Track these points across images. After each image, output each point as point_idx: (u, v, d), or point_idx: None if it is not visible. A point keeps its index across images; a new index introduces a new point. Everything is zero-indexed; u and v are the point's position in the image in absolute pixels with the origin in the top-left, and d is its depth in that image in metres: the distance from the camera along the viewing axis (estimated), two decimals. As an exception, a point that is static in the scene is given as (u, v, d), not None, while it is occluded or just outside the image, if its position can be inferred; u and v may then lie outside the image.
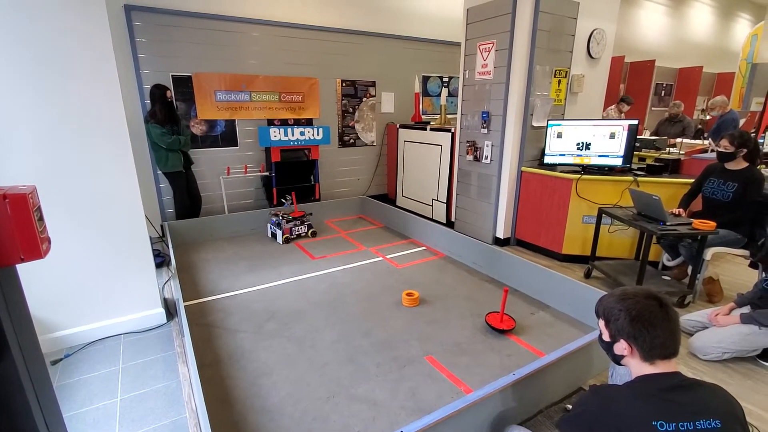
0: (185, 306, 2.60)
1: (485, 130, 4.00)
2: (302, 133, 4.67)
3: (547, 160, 3.78)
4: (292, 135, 4.61)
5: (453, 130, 4.49)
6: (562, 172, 3.63)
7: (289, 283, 3.21)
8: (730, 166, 2.92)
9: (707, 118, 6.67)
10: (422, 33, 5.71)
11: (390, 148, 5.82)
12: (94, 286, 2.40)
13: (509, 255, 3.27)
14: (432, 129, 4.87)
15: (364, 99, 5.54)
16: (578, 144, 3.63)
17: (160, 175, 4.17)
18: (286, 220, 4.13)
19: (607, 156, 3.55)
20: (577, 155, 3.65)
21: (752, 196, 2.80)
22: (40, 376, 0.92)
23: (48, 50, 2.04)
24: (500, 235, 4.12)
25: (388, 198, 5.96)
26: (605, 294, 1.25)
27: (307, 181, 5.01)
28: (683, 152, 4.06)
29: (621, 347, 1.15)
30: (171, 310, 2.77)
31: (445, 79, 6.19)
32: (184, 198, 4.19)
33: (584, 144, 3.61)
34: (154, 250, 2.80)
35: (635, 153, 3.92)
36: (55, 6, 2.02)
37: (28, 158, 2.09)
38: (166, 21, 4.04)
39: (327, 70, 5.13)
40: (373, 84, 5.55)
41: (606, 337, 1.20)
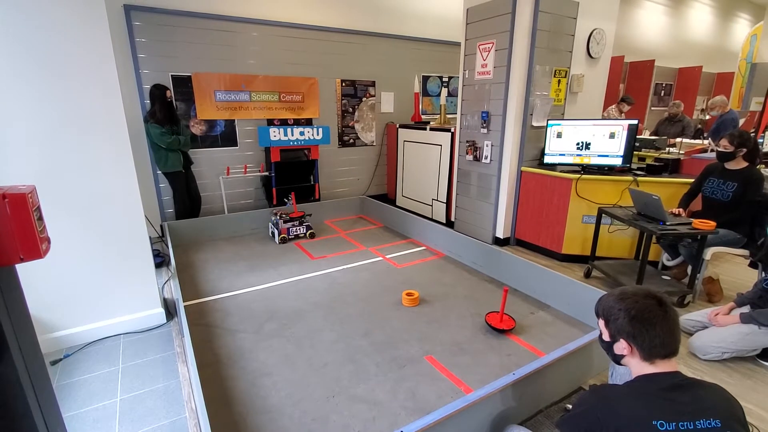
0: (185, 306, 2.60)
1: (485, 130, 4.00)
2: (302, 133, 4.67)
3: (547, 159, 3.78)
4: (292, 135, 4.61)
5: (453, 130, 4.49)
6: (561, 171, 3.63)
7: (288, 283, 3.21)
8: (730, 166, 2.92)
9: (707, 117, 6.67)
10: (422, 33, 5.71)
11: (390, 148, 5.82)
12: (93, 286, 2.40)
13: (509, 255, 3.27)
14: (432, 129, 4.87)
15: (364, 99, 5.54)
16: (578, 144, 3.63)
17: (160, 175, 4.17)
18: (284, 221, 4.12)
19: (607, 156, 3.55)
20: (577, 155, 3.65)
21: (752, 196, 2.81)
22: (40, 376, 0.92)
23: (47, 50, 2.04)
24: (500, 234, 4.12)
25: (388, 198, 5.96)
26: (605, 294, 1.25)
27: (306, 181, 5.01)
28: (683, 152, 4.07)
29: (621, 347, 1.15)
30: (171, 310, 2.77)
31: (444, 79, 6.19)
32: (184, 198, 4.19)
33: (584, 144, 3.61)
34: (153, 250, 2.79)
35: (635, 153, 3.93)
36: (55, 6, 2.02)
37: (28, 158, 2.09)
38: (166, 21, 4.04)
39: (326, 70, 5.13)
40: (373, 84, 5.55)
41: (606, 336, 1.20)
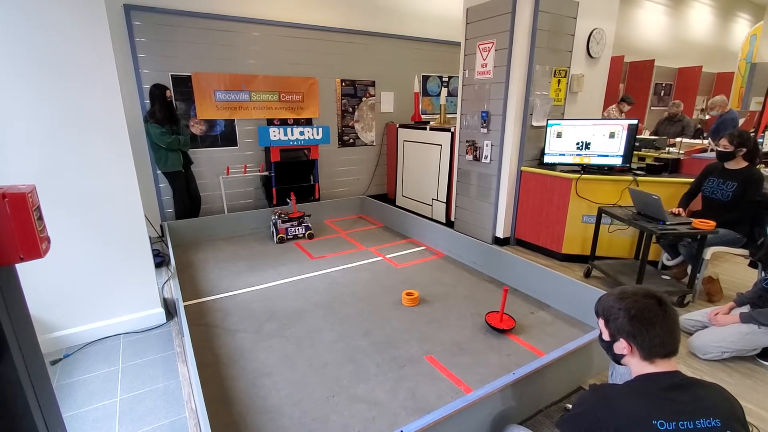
0: (185, 306, 2.60)
1: (485, 130, 4.00)
2: (302, 133, 4.67)
3: (547, 159, 3.78)
4: (292, 135, 4.61)
5: (453, 130, 4.49)
6: (561, 171, 3.63)
7: (288, 282, 3.21)
8: (730, 166, 2.92)
9: (706, 117, 6.67)
10: (422, 33, 5.71)
11: (390, 148, 5.82)
12: (93, 286, 2.40)
13: (509, 254, 3.27)
14: (432, 129, 4.87)
15: (364, 99, 5.54)
16: (578, 144, 3.63)
17: (160, 174, 4.17)
18: (282, 220, 4.12)
19: (607, 156, 3.55)
20: (577, 155, 3.65)
21: (752, 196, 2.81)
22: (40, 375, 0.92)
23: (47, 50, 2.04)
24: (500, 234, 4.12)
25: (388, 198, 5.96)
26: (605, 293, 1.25)
27: (306, 181, 5.01)
28: (683, 152, 4.07)
29: (621, 346, 1.15)
30: (170, 310, 2.77)
31: (444, 79, 6.18)
32: (184, 198, 4.19)
33: (584, 144, 3.61)
34: (153, 250, 2.79)
35: (635, 152, 3.93)
36: (55, 5, 2.02)
37: (28, 158, 2.09)
38: (166, 20, 4.04)
39: (326, 70, 5.13)
40: (373, 84, 5.55)
41: (606, 336, 1.20)
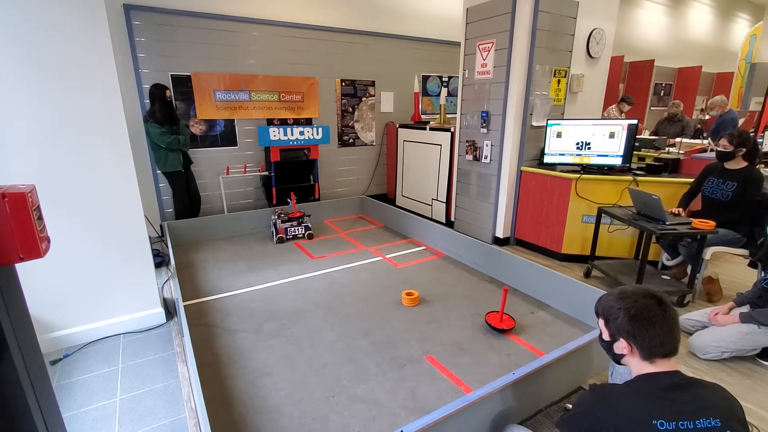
0: (185, 306, 2.60)
1: (485, 130, 4.00)
2: (302, 133, 4.67)
3: (547, 159, 3.78)
4: (292, 135, 4.61)
5: (452, 130, 4.49)
6: (561, 171, 3.63)
7: (288, 282, 3.21)
8: (730, 166, 2.92)
9: (706, 117, 6.67)
10: (422, 33, 5.70)
11: (389, 148, 5.82)
12: (93, 286, 2.40)
13: (509, 254, 3.28)
14: (431, 129, 4.87)
15: (364, 98, 5.54)
16: (578, 144, 3.63)
17: (160, 174, 4.17)
18: (282, 220, 4.12)
19: (607, 155, 3.55)
20: (577, 155, 3.65)
21: (751, 196, 2.81)
22: (40, 375, 0.92)
23: (47, 50, 2.04)
24: (500, 234, 4.12)
25: (388, 198, 5.96)
26: (604, 293, 1.25)
27: (306, 181, 5.01)
28: (682, 152, 4.07)
29: (621, 346, 1.15)
30: (170, 310, 2.77)
31: (444, 79, 6.18)
32: (184, 198, 4.19)
33: (584, 143, 3.61)
34: (153, 249, 2.79)
35: (635, 152, 3.93)
36: (55, 5, 2.02)
37: (28, 158, 2.09)
38: (166, 20, 4.04)
39: (326, 70, 5.13)
40: (373, 83, 5.55)
41: (606, 336, 1.20)
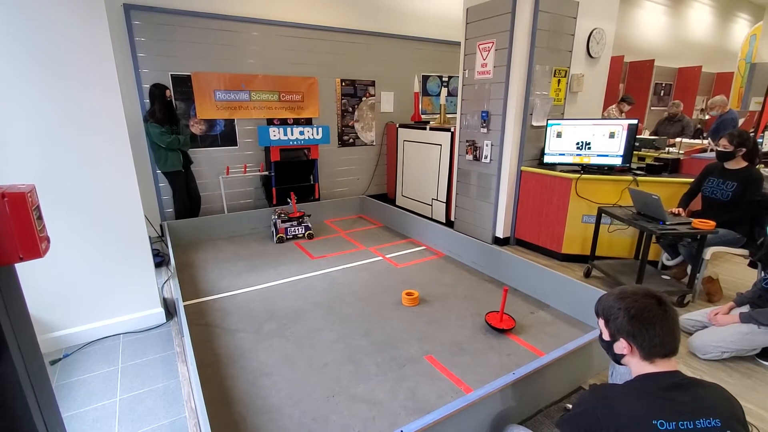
0: (185, 306, 2.60)
1: (485, 130, 4.00)
2: (302, 133, 4.66)
3: (547, 159, 3.78)
4: (292, 134, 4.61)
5: (452, 130, 4.49)
6: (561, 171, 3.63)
7: (288, 282, 3.21)
8: (730, 166, 2.92)
9: (706, 117, 6.67)
10: (422, 32, 5.70)
11: (389, 148, 5.82)
12: (93, 286, 2.40)
13: (509, 254, 3.27)
14: (431, 128, 4.87)
15: (364, 98, 5.54)
16: (578, 143, 3.63)
17: (160, 174, 4.16)
18: (282, 220, 4.12)
19: (607, 155, 3.55)
20: (577, 155, 3.65)
21: (751, 196, 2.81)
22: (39, 375, 0.92)
23: (47, 49, 2.03)
24: (500, 234, 4.12)
25: (388, 198, 5.96)
26: (605, 293, 1.25)
27: (306, 181, 5.00)
28: (682, 152, 4.07)
29: (621, 346, 1.15)
30: (170, 310, 2.77)
31: (444, 79, 6.18)
32: (184, 198, 4.19)
33: (584, 143, 3.61)
34: (153, 249, 2.79)
35: (635, 152, 3.92)
36: (55, 5, 2.01)
37: (28, 158, 2.09)
38: (166, 20, 4.03)
39: (326, 70, 5.13)
40: (373, 83, 5.55)
41: (606, 336, 1.20)
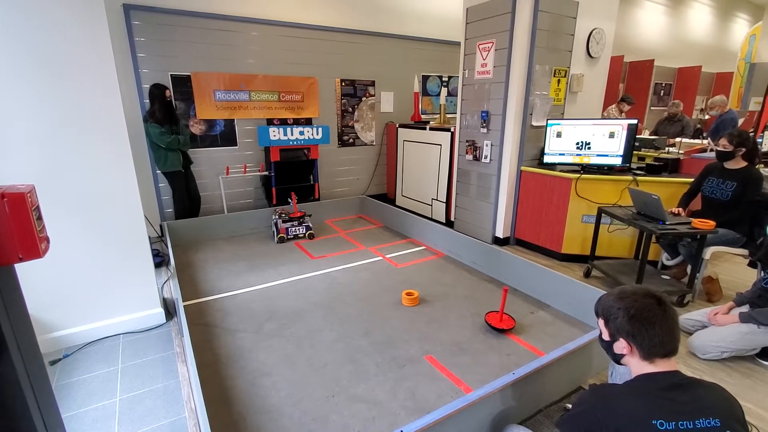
0: (184, 306, 2.60)
1: (485, 130, 4.00)
2: (301, 133, 4.66)
3: (547, 159, 3.78)
4: (292, 134, 4.61)
5: (452, 130, 4.49)
6: (561, 171, 3.63)
7: (288, 282, 3.21)
8: (729, 166, 2.92)
9: (706, 117, 6.67)
10: (422, 32, 5.70)
11: (389, 148, 5.82)
12: (92, 286, 2.40)
13: (509, 254, 3.27)
14: (431, 128, 4.87)
15: (364, 98, 5.54)
16: (578, 143, 3.63)
17: (160, 174, 4.16)
18: (283, 220, 4.12)
19: (607, 155, 3.55)
20: (577, 155, 3.65)
21: (751, 196, 2.81)
22: (39, 376, 0.92)
23: (47, 49, 2.03)
24: (500, 234, 4.12)
25: (388, 198, 5.96)
26: (604, 293, 1.25)
27: (306, 181, 5.00)
28: (682, 151, 4.07)
29: (620, 346, 1.15)
30: (170, 310, 2.77)
31: (444, 79, 6.18)
32: (184, 198, 4.19)
33: (584, 143, 3.61)
34: (153, 249, 2.79)
35: (634, 152, 3.93)
36: (55, 5, 2.01)
37: (28, 158, 2.09)
38: (165, 20, 4.03)
39: (326, 70, 5.13)
40: (373, 83, 5.55)
41: (605, 336, 1.20)
